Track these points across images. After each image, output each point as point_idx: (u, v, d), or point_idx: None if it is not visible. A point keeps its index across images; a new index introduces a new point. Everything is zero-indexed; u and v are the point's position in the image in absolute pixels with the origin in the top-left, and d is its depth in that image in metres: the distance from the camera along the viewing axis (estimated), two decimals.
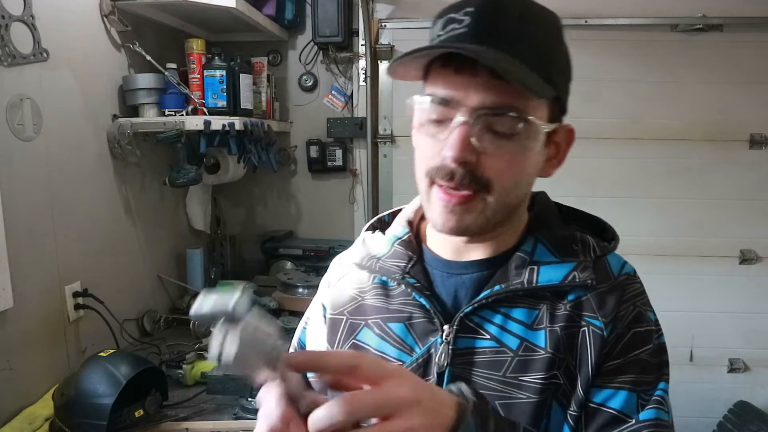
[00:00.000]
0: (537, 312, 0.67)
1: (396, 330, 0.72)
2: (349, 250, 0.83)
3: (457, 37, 0.61)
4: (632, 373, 0.65)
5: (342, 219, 2.58)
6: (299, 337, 0.87)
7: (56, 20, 1.57)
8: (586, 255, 0.69)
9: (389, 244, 0.77)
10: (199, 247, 2.33)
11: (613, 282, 0.68)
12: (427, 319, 0.70)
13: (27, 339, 1.48)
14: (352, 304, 0.77)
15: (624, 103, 2.43)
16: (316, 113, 2.54)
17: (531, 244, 0.70)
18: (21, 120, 1.45)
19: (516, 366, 0.66)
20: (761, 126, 2.41)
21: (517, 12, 0.62)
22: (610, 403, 0.64)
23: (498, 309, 0.68)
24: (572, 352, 0.65)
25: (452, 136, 0.61)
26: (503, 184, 0.63)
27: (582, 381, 0.65)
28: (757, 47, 2.36)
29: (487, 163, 0.62)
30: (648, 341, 0.67)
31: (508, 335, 0.67)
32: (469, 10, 0.62)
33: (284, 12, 2.40)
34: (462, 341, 0.67)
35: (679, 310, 2.50)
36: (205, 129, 1.93)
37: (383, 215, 0.86)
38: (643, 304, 0.69)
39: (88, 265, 1.73)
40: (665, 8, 2.35)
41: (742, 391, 2.55)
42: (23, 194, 1.47)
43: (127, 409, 1.37)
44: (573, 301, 0.67)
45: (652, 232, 2.48)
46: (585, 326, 0.66)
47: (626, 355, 0.65)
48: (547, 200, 0.77)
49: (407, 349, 0.70)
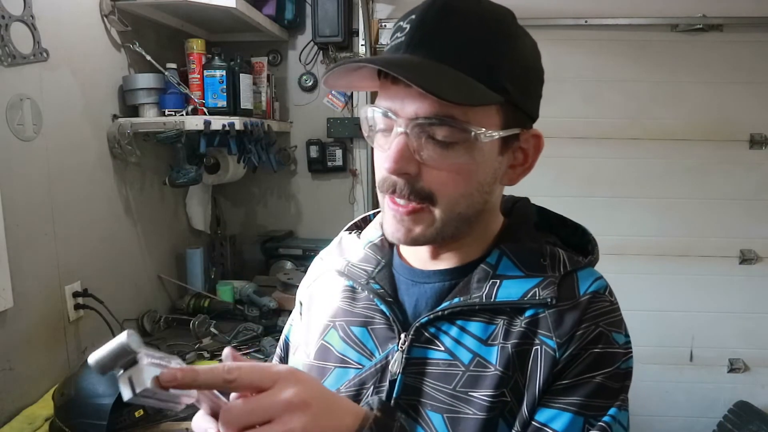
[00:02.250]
0: (493, 327, 0.65)
1: (358, 334, 0.71)
2: (327, 249, 0.84)
3: (396, 47, 0.61)
4: (581, 395, 0.61)
5: (342, 219, 2.53)
6: (285, 334, 0.88)
7: (56, 20, 1.57)
8: (554, 270, 0.66)
9: (362, 247, 0.77)
10: (199, 247, 2.33)
11: (576, 300, 0.64)
12: (387, 326, 0.69)
13: (27, 339, 1.48)
14: (323, 304, 0.78)
15: (624, 103, 2.43)
16: (316, 113, 2.54)
17: (496, 256, 0.68)
18: (21, 120, 1.45)
19: (467, 381, 0.64)
20: (761, 126, 2.41)
21: (461, 17, 0.60)
22: (553, 425, 0.61)
23: (454, 321, 0.66)
24: (522, 371, 0.63)
25: (391, 148, 0.60)
26: (448, 195, 0.62)
27: (528, 400, 0.62)
28: (757, 47, 2.36)
29: (429, 175, 0.61)
30: (607, 364, 0.62)
31: (462, 349, 0.65)
32: (412, 18, 0.61)
33: (284, 12, 2.40)
34: (416, 351, 0.66)
35: (679, 310, 2.50)
36: (205, 129, 1.93)
37: (369, 214, 0.85)
38: (609, 325, 0.63)
39: (88, 265, 1.73)
40: (665, 8, 2.36)
41: (742, 391, 2.55)
42: (23, 194, 1.47)
43: (127, 409, 1.37)
44: (529, 318, 0.64)
45: (652, 232, 2.48)
46: (538, 345, 0.63)
47: (579, 376, 0.61)
48: (525, 208, 0.74)
49: (368, 354, 0.70)
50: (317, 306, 0.79)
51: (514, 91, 0.61)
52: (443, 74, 0.58)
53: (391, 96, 0.61)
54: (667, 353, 2.52)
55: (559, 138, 2.45)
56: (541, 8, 2.38)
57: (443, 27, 0.60)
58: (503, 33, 0.62)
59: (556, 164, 2.47)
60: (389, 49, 0.63)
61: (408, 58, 0.59)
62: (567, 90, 2.44)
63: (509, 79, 0.61)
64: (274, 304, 2.09)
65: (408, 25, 0.61)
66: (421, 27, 0.60)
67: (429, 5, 0.61)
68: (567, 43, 2.41)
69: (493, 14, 0.62)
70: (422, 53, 0.59)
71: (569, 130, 2.46)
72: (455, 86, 0.57)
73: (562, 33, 2.41)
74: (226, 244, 2.55)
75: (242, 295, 2.19)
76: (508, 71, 0.61)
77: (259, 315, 2.07)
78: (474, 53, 0.60)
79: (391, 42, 0.63)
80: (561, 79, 2.43)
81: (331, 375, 0.71)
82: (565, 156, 2.47)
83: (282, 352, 0.87)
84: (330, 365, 0.72)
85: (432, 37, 0.60)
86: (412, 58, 0.59)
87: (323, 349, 0.74)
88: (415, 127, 0.60)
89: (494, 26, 0.61)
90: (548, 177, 2.46)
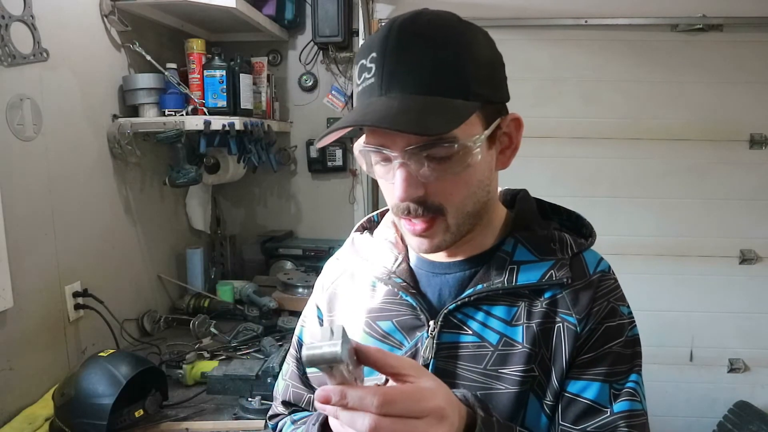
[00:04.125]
0: (516, 309, 0.71)
1: (385, 327, 0.76)
2: (340, 251, 0.88)
3: (369, 91, 0.64)
4: (605, 365, 0.69)
5: (342, 219, 2.58)
6: (298, 335, 0.92)
7: (56, 20, 1.57)
8: (563, 253, 0.73)
9: (377, 245, 0.82)
10: (199, 247, 2.33)
11: (588, 279, 0.72)
12: (413, 315, 0.74)
13: (27, 339, 1.48)
14: (343, 303, 0.83)
15: (624, 103, 2.43)
16: (316, 113, 2.54)
17: (511, 244, 0.74)
18: (21, 120, 1.45)
19: (496, 359, 0.70)
20: (761, 126, 2.41)
21: (418, 43, 0.63)
22: (585, 394, 0.68)
23: (480, 306, 0.72)
24: (547, 347, 0.70)
25: (396, 179, 0.65)
26: (456, 202, 0.67)
27: (557, 373, 0.69)
28: (757, 47, 2.36)
29: (435, 191, 0.66)
30: (620, 334, 0.70)
31: (489, 331, 0.71)
32: (374, 56, 0.64)
33: (284, 12, 2.40)
34: (446, 336, 0.72)
35: (679, 310, 2.50)
36: (205, 129, 1.93)
37: (372, 215, 0.90)
38: (616, 300, 0.72)
39: (88, 265, 1.73)
40: (665, 8, 2.36)
41: (742, 391, 2.55)
42: (23, 194, 1.47)
43: (127, 409, 1.37)
44: (549, 299, 0.71)
45: (652, 232, 2.48)
46: (560, 322, 0.70)
47: (599, 348, 0.69)
48: (527, 200, 0.80)
49: (396, 344, 0.74)
50: (340, 306, 0.83)
51: (486, 92, 0.66)
52: (425, 108, 0.61)
53: (381, 134, 0.65)
54: (667, 353, 2.52)
55: (559, 138, 2.45)
56: (541, 8, 2.38)
57: (407, 59, 0.63)
58: (459, 41, 0.64)
59: (556, 164, 2.47)
60: (362, 93, 0.66)
61: (386, 104, 0.62)
62: (567, 90, 2.44)
63: (479, 83, 0.65)
64: (274, 304, 2.10)
65: (372, 65, 0.64)
66: (386, 65, 0.63)
67: (384, 38, 0.64)
68: (567, 43, 2.41)
69: (443, 26, 0.65)
70: (397, 90, 0.62)
71: (569, 130, 2.46)
72: (440, 115, 0.61)
73: (562, 33, 2.41)
74: (226, 244, 2.55)
75: (242, 295, 2.19)
76: (476, 76, 0.64)
77: (259, 315, 2.07)
78: (442, 74, 0.63)
79: (360, 83, 0.66)
80: (561, 79, 2.43)
81: None
82: (565, 156, 2.47)
83: (297, 353, 0.91)
84: None
85: (400, 74, 0.63)
86: (389, 102, 0.62)
87: None
88: (411, 154, 0.64)
89: (451, 38, 0.64)
90: (548, 177, 2.47)
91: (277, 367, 1.62)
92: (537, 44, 2.41)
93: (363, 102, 0.65)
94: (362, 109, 0.64)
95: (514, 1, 2.39)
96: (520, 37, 2.41)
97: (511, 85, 0.71)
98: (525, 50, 2.41)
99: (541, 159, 2.45)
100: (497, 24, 2.35)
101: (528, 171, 2.36)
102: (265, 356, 1.73)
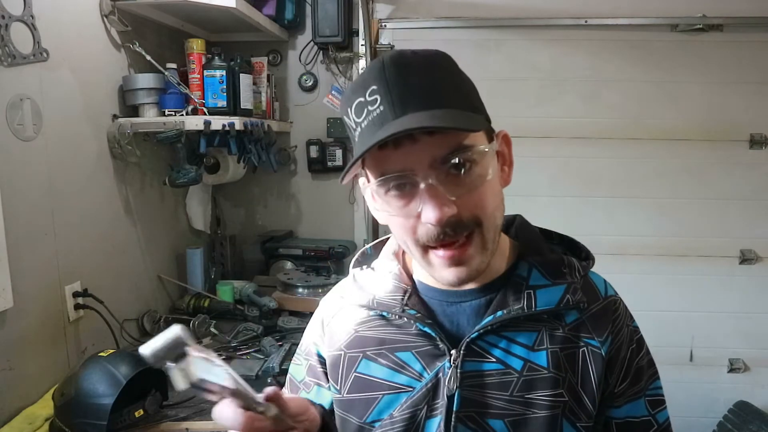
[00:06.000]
0: (537, 334, 0.72)
1: (404, 358, 0.74)
2: (342, 288, 0.85)
3: (380, 119, 0.63)
4: (640, 382, 0.75)
5: (342, 219, 2.58)
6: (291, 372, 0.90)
7: (56, 20, 1.57)
8: (573, 276, 0.74)
9: (382, 279, 0.79)
10: (199, 247, 2.33)
11: (602, 302, 0.75)
12: (432, 345, 0.72)
13: (27, 339, 1.48)
14: (349, 338, 0.79)
15: (624, 103, 2.43)
16: (316, 113, 2.54)
17: (525, 269, 0.74)
18: (21, 120, 1.45)
19: (522, 385, 0.70)
20: (761, 126, 2.41)
21: (417, 70, 0.64)
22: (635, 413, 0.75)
23: (502, 333, 0.71)
24: (573, 371, 0.71)
25: (425, 203, 0.63)
26: (488, 212, 0.66)
27: (588, 397, 0.71)
28: (757, 47, 2.36)
29: (467, 204, 0.64)
30: (640, 349, 0.76)
31: (512, 357, 0.71)
32: (374, 89, 0.63)
33: (284, 12, 2.40)
34: (469, 365, 0.71)
35: (679, 310, 2.50)
36: (205, 129, 1.93)
37: (366, 248, 0.88)
38: (629, 319, 0.77)
39: (88, 265, 1.73)
40: (665, 8, 2.35)
41: (742, 391, 2.55)
42: (23, 194, 1.47)
43: (127, 409, 1.37)
44: (571, 324, 0.72)
45: (652, 232, 2.48)
46: (584, 347, 0.72)
47: (630, 369, 0.74)
48: (529, 225, 0.82)
49: (416, 376, 0.73)
50: (338, 343, 0.80)
51: (483, 108, 0.70)
52: (447, 114, 0.62)
53: (401, 159, 0.63)
54: (667, 353, 2.51)
55: (559, 138, 2.45)
56: (541, 8, 2.38)
57: (411, 82, 0.63)
58: (446, 67, 0.67)
59: (556, 164, 2.47)
60: (371, 125, 0.64)
61: (408, 119, 0.61)
62: (567, 90, 2.44)
63: (477, 100, 0.69)
64: (274, 304, 2.10)
65: (376, 96, 0.63)
66: (393, 91, 0.63)
67: (380, 71, 0.63)
68: (567, 43, 2.41)
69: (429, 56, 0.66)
70: (412, 110, 0.62)
71: (569, 130, 2.46)
72: (462, 119, 0.63)
73: (562, 33, 2.41)
74: (226, 244, 2.55)
75: (242, 295, 2.20)
76: (474, 93, 0.69)
77: (259, 315, 2.07)
78: (448, 92, 0.65)
79: (363, 119, 0.65)
80: (561, 79, 2.43)
81: (380, 403, 0.74)
82: (565, 156, 2.46)
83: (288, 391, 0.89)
84: (376, 394, 0.74)
85: (411, 95, 0.63)
86: (410, 118, 0.61)
87: (360, 382, 0.76)
88: (438, 172, 0.63)
89: (439, 64, 0.67)
90: (548, 177, 2.46)
91: (277, 367, 1.62)
92: (537, 44, 2.41)
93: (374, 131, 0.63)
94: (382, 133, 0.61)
95: (514, 1, 2.39)
96: (520, 37, 2.40)
97: (511, 85, 0.72)
98: (525, 50, 2.41)
99: (540, 159, 2.45)
100: (497, 24, 2.35)
101: (528, 171, 2.36)
102: (265, 356, 1.73)
